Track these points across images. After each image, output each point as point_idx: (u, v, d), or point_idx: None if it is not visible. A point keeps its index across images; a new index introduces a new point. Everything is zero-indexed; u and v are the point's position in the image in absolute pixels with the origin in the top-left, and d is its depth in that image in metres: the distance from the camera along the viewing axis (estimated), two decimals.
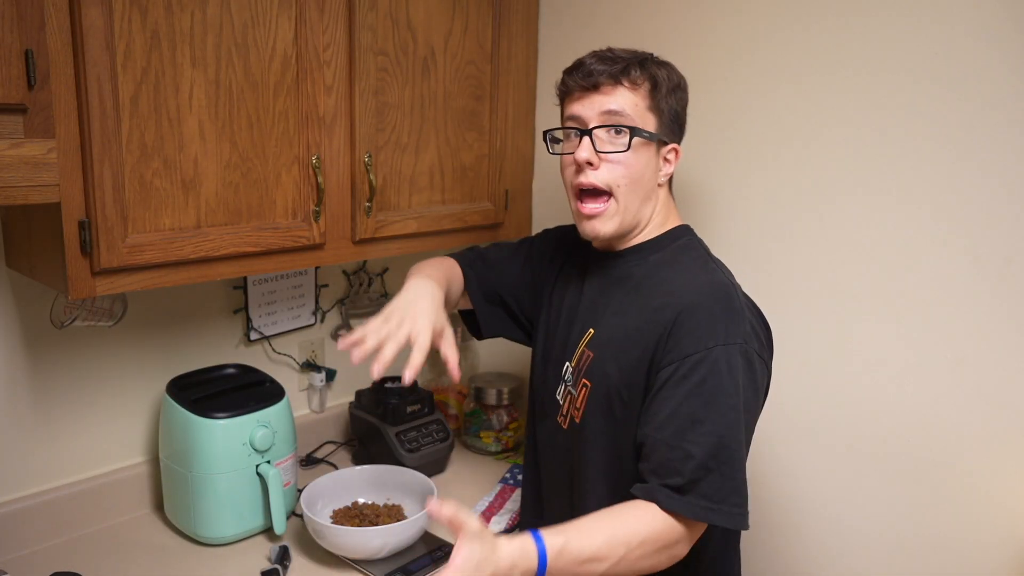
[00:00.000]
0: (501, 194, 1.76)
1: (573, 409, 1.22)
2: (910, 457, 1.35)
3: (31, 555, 1.38)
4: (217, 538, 1.42)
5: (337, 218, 1.45)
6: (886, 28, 1.29)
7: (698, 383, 1.06)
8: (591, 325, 1.23)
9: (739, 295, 1.14)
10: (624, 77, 1.16)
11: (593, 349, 1.20)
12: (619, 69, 1.16)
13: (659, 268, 1.20)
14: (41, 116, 1.04)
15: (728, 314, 1.10)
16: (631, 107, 1.16)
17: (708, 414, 1.05)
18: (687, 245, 1.23)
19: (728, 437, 1.05)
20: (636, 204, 1.19)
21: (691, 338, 1.08)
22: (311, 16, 1.34)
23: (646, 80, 1.17)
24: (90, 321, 1.39)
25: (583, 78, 1.18)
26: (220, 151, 1.26)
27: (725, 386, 1.05)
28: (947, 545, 1.33)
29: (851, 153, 1.36)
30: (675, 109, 1.20)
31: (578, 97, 1.20)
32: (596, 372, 1.18)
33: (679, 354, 1.08)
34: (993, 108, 1.21)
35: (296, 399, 1.79)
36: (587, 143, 1.17)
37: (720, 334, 1.07)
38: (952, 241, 1.27)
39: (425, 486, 1.47)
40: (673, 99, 1.20)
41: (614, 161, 1.16)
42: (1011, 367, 1.24)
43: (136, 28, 1.14)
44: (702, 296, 1.11)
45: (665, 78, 1.19)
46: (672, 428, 1.06)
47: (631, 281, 1.21)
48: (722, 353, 1.06)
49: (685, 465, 1.03)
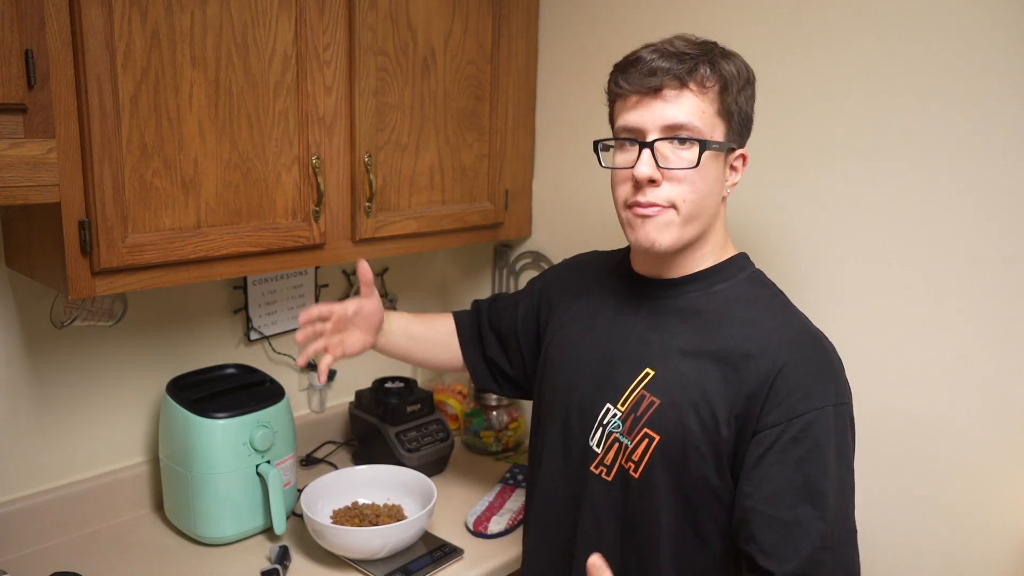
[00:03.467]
0: (501, 194, 1.76)
1: (626, 460, 1.05)
2: (910, 456, 1.35)
3: (31, 555, 1.38)
4: (217, 538, 1.42)
5: (337, 218, 1.45)
6: (886, 29, 1.29)
7: (812, 448, 0.93)
8: (647, 365, 1.06)
9: (831, 345, 1.02)
10: (691, 79, 0.98)
11: (658, 394, 1.03)
12: (686, 69, 0.98)
13: (733, 304, 1.05)
14: (41, 116, 1.04)
15: (832, 369, 0.99)
16: (699, 116, 0.99)
17: (826, 486, 0.93)
18: (757, 279, 1.10)
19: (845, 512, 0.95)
20: (704, 217, 1.04)
21: (798, 397, 0.95)
22: (311, 16, 1.34)
23: (716, 80, 1.00)
24: (90, 321, 1.39)
25: (642, 79, 0.99)
26: (220, 151, 1.26)
27: (838, 452, 0.95)
28: (947, 543, 1.33)
29: (850, 153, 1.36)
30: (745, 109, 1.04)
31: (636, 103, 1.01)
32: (668, 423, 1.01)
33: (786, 413, 0.95)
34: (993, 108, 1.21)
35: (296, 399, 1.79)
36: (648, 158, 0.99)
37: (831, 393, 0.96)
38: (952, 241, 1.27)
39: (425, 486, 1.47)
40: (743, 98, 1.03)
41: (679, 178, 1.00)
42: (1011, 366, 1.24)
43: (136, 28, 1.14)
44: (803, 348, 0.99)
45: (735, 74, 1.02)
46: (787, 501, 0.93)
47: (699, 317, 1.05)
48: (832, 415, 0.95)
49: (804, 545, 0.92)
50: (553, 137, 1.81)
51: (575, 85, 1.74)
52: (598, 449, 1.08)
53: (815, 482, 0.93)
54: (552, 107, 1.79)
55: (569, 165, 1.78)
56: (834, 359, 1.01)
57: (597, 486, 1.08)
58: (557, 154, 1.81)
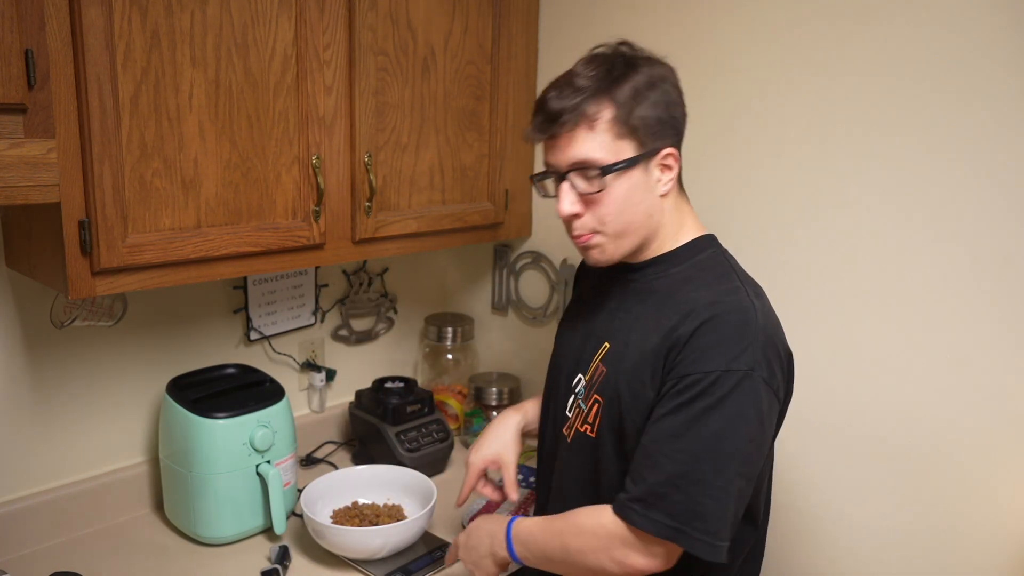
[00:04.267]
0: (501, 194, 1.76)
1: (583, 423, 1.18)
2: (910, 456, 1.35)
3: (31, 555, 1.38)
4: (217, 538, 1.42)
5: (337, 218, 1.45)
6: (887, 30, 1.29)
7: (687, 401, 1.02)
8: (607, 339, 1.18)
9: (757, 318, 1.06)
10: (581, 118, 1.07)
11: (606, 364, 1.16)
12: (575, 108, 1.07)
13: (682, 284, 1.13)
14: (41, 116, 1.04)
15: (740, 340, 1.04)
16: (597, 148, 1.07)
17: (686, 432, 1.02)
18: (710, 260, 1.17)
19: (703, 461, 1.01)
20: (634, 226, 1.12)
21: (694, 358, 1.04)
22: (311, 16, 1.34)
23: (607, 107, 1.07)
24: (90, 321, 1.39)
25: (541, 126, 1.11)
26: (220, 151, 1.26)
27: (716, 411, 1.01)
28: (947, 543, 1.33)
29: (850, 154, 1.36)
30: (656, 114, 1.09)
31: (544, 146, 1.14)
32: (608, 389, 1.14)
33: (680, 372, 1.04)
34: (992, 109, 1.21)
35: (296, 399, 1.79)
36: (566, 192, 1.11)
37: (723, 360, 1.02)
38: (952, 241, 1.27)
39: (425, 486, 1.47)
40: (646, 106, 1.08)
41: (596, 202, 1.10)
42: (1011, 366, 1.24)
43: (136, 28, 1.14)
44: (719, 318, 1.05)
45: (631, 89, 1.07)
46: (651, 434, 1.05)
47: (653, 296, 1.15)
48: (719, 378, 1.01)
49: (651, 474, 1.02)
50: None
51: None
52: (568, 414, 1.23)
53: (675, 428, 1.03)
54: None
55: None
56: (749, 330, 1.05)
57: (563, 449, 1.23)
58: None
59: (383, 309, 1.96)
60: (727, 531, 1.02)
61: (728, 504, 1.02)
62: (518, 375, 1.96)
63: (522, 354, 1.98)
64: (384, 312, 1.96)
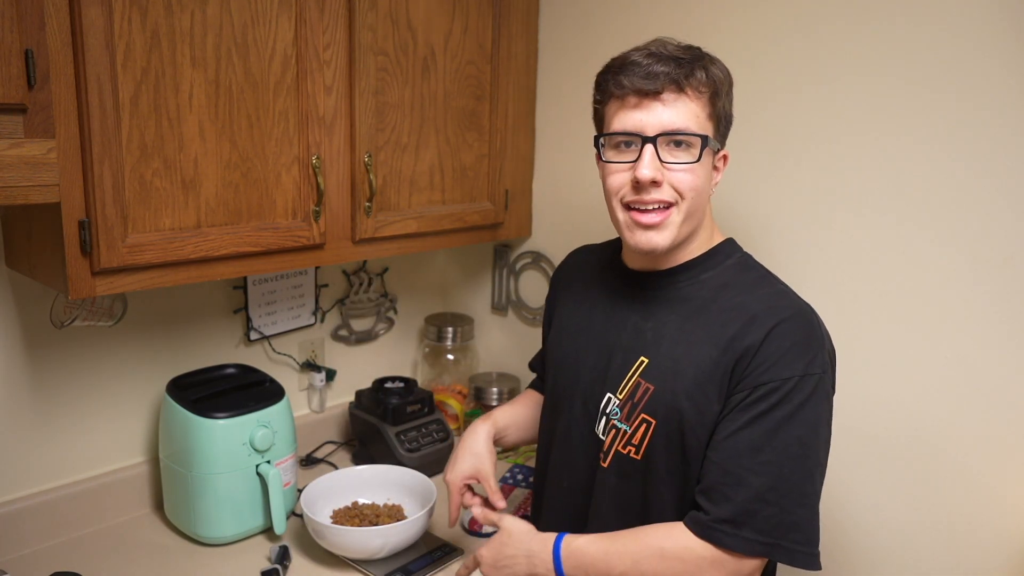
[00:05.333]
0: (501, 194, 1.76)
1: (627, 446, 1.10)
2: (910, 456, 1.35)
3: (31, 555, 1.38)
4: (217, 538, 1.42)
5: (337, 218, 1.45)
6: (887, 33, 1.29)
7: (765, 411, 0.98)
8: (642, 353, 1.10)
9: (817, 320, 1.05)
10: (688, 84, 1.01)
11: (652, 381, 1.08)
12: (683, 74, 1.01)
13: (723, 290, 1.09)
14: (41, 116, 1.04)
15: (808, 344, 1.01)
16: (694, 120, 1.02)
17: (769, 443, 0.98)
18: (744, 263, 1.13)
19: (791, 470, 0.98)
20: (698, 214, 1.08)
21: (767, 366, 1.00)
22: (311, 16, 1.34)
23: (709, 85, 1.03)
24: (90, 321, 1.39)
25: (642, 81, 1.01)
26: (220, 151, 1.26)
27: (796, 418, 0.98)
28: (947, 543, 1.33)
29: (851, 154, 1.36)
30: (729, 112, 1.08)
31: (635, 104, 1.03)
32: (661, 407, 1.06)
33: (753, 382, 1.00)
34: (992, 110, 1.21)
35: (296, 399, 1.79)
36: (651, 157, 1.02)
37: (799, 366, 0.99)
38: (951, 241, 1.27)
39: (425, 486, 1.47)
40: (728, 101, 1.07)
41: (679, 177, 1.03)
42: (1010, 366, 1.24)
43: (136, 28, 1.14)
44: (784, 324, 1.02)
45: (723, 79, 1.05)
46: (728, 451, 1.00)
47: (688, 305, 1.10)
48: (796, 384, 0.99)
49: (736, 492, 0.98)
50: (553, 137, 1.81)
51: (575, 85, 1.74)
52: (604, 437, 1.13)
53: (756, 440, 0.98)
54: (552, 107, 1.79)
55: (569, 165, 1.78)
56: (814, 333, 1.04)
57: (602, 473, 1.13)
58: (557, 154, 1.81)
59: (383, 309, 1.96)
60: (818, 536, 1.00)
61: (817, 509, 1.00)
62: (518, 375, 1.96)
63: (522, 354, 1.98)
64: (384, 312, 1.96)
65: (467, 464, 1.28)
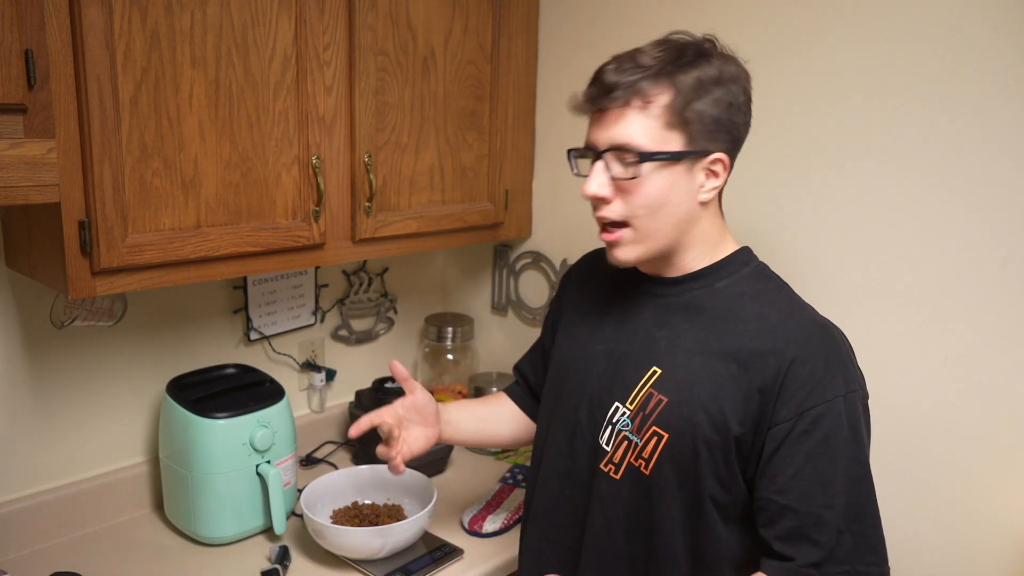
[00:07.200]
0: (501, 194, 1.76)
1: (635, 458, 1.06)
2: (909, 456, 1.35)
3: (31, 555, 1.38)
4: (217, 538, 1.42)
5: (337, 218, 1.45)
6: (888, 35, 1.29)
7: (822, 440, 0.96)
8: (654, 363, 1.07)
9: (841, 334, 1.03)
10: (635, 96, 0.99)
11: (666, 393, 1.04)
12: (631, 84, 0.98)
13: (738, 300, 1.05)
14: (41, 116, 1.04)
15: (841, 359, 1.00)
16: (642, 132, 0.99)
17: (835, 472, 0.96)
18: (761, 273, 1.10)
19: (858, 494, 0.97)
20: (666, 229, 1.03)
21: (808, 390, 0.97)
22: (311, 16, 1.34)
23: (666, 91, 0.98)
24: (90, 321, 1.39)
25: (591, 97, 1.02)
26: (220, 151, 1.26)
27: (848, 439, 0.97)
28: (946, 544, 1.33)
29: (851, 154, 1.36)
30: (715, 112, 1.00)
31: (591, 119, 1.05)
32: (675, 421, 1.03)
33: (797, 408, 0.97)
34: (991, 110, 1.21)
35: (296, 399, 1.79)
36: (598, 173, 1.02)
37: (840, 384, 0.98)
38: (952, 241, 1.27)
39: (425, 486, 1.47)
40: (708, 101, 0.99)
41: (627, 190, 1.01)
42: (1010, 366, 1.24)
43: (136, 28, 1.14)
44: (810, 341, 1.00)
45: (696, 79, 0.99)
46: (798, 492, 0.97)
47: (705, 314, 1.06)
48: (843, 405, 0.97)
49: (819, 533, 0.96)
50: (553, 137, 1.81)
51: (575, 85, 1.72)
52: (608, 447, 1.09)
53: (824, 472, 0.96)
54: (552, 107, 1.79)
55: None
56: (842, 348, 1.02)
57: (606, 484, 1.10)
58: (557, 154, 1.80)
59: (383, 309, 1.96)
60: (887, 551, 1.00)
61: (880, 526, 1.00)
62: None
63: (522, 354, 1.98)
64: (384, 312, 1.96)
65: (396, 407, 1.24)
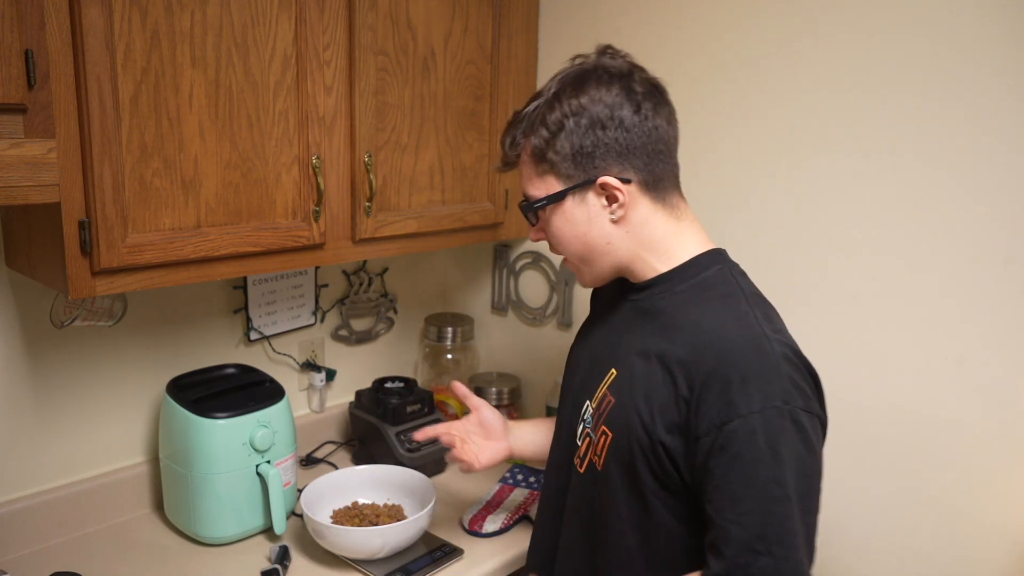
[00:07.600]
0: (501, 194, 1.76)
1: (593, 455, 1.10)
2: (909, 456, 1.35)
3: (31, 555, 1.38)
4: (217, 538, 1.42)
5: (337, 218, 1.45)
6: (887, 33, 1.29)
7: (733, 456, 0.94)
8: (614, 364, 1.10)
9: (773, 347, 0.98)
10: (517, 150, 1.10)
11: (615, 394, 1.08)
12: (512, 141, 1.10)
13: (685, 306, 1.05)
14: (41, 116, 1.04)
15: (764, 374, 0.96)
16: (529, 182, 1.10)
17: (746, 491, 0.94)
18: (714, 279, 1.07)
19: (774, 515, 0.93)
20: (595, 255, 1.09)
21: (723, 404, 0.95)
22: (311, 16, 1.34)
23: (528, 142, 1.08)
24: (90, 321, 1.39)
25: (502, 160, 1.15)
26: (220, 151, 1.26)
27: (764, 458, 0.93)
28: (947, 544, 1.33)
29: (851, 154, 1.36)
30: (577, 143, 1.03)
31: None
32: (617, 421, 1.06)
33: (714, 422, 0.96)
34: (993, 107, 1.21)
35: (296, 399, 1.79)
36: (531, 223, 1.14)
37: (756, 399, 0.94)
38: (951, 241, 1.27)
39: (425, 486, 1.47)
40: (561, 139, 1.04)
41: (544, 231, 1.13)
42: (1010, 367, 1.24)
43: (136, 28, 1.14)
44: (731, 353, 0.97)
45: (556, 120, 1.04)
46: (716, 503, 0.96)
47: (658, 318, 1.07)
48: (759, 421, 0.94)
49: (726, 547, 0.94)
50: None
51: None
52: (579, 443, 1.15)
53: (735, 489, 0.94)
54: None
55: None
56: (771, 362, 0.97)
57: (576, 477, 1.15)
58: None
59: (383, 309, 1.96)
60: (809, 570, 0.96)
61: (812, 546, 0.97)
62: (518, 375, 1.96)
63: (522, 354, 1.98)
64: (384, 312, 1.96)
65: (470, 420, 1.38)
